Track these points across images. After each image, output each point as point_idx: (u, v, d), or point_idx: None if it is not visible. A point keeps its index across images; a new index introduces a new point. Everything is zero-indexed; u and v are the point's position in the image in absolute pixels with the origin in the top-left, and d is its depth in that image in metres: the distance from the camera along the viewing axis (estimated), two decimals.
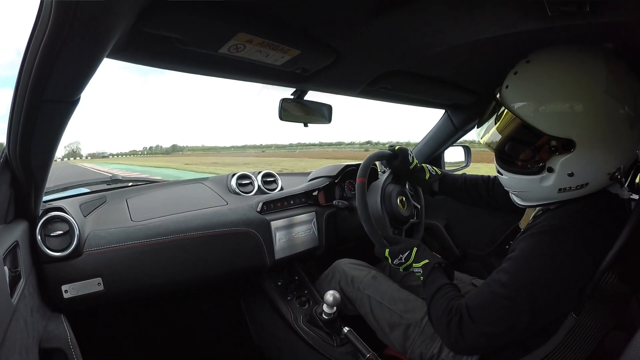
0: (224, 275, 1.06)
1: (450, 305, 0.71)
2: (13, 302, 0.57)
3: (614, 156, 0.61)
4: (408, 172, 1.12)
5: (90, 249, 0.84)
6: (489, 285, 0.68)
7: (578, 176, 0.62)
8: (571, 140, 0.60)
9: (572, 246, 0.62)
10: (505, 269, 0.67)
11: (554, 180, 0.64)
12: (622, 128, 0.59)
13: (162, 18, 0.53)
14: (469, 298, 0.70)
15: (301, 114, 1.08)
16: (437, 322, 0.73)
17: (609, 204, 0.67)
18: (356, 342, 0.93)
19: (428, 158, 1.73)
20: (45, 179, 0.73)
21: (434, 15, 0.67)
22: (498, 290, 0.65)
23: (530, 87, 0.64)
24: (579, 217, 0.64)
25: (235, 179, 1.35)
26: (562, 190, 0.64)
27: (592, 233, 0.63)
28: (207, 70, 0.81)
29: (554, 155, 0.62)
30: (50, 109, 0.54)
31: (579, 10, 0.62)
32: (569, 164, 0.62)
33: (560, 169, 0.62)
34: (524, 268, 0.64)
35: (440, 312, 0.72)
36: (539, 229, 0.66)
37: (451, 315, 0.70)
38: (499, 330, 0.65)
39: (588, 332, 0.62)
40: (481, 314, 0.66)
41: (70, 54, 0.45)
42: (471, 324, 0.66)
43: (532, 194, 0.69)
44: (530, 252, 0.65)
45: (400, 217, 1.13)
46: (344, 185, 1.44)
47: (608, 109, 0.59)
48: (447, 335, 0.69)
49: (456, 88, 1.19)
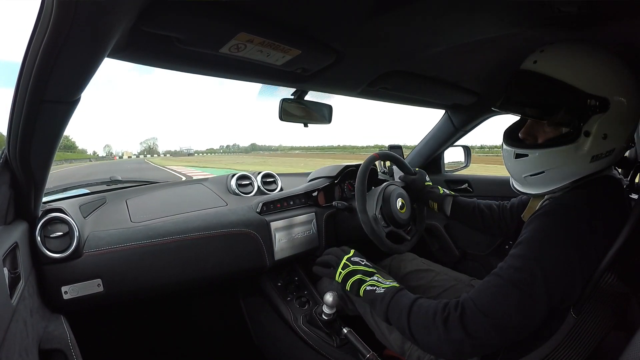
0: (223, 276, 1.06)
1: (444, 303, 0.65)
2: (13, 303, 0.57)
3: (633, 118, 0.64)
4: (422, 187, 1.12)
5: (90, 250, 0.84)
6: (499, 275, 0.63)
7: (610, 138, 0.63)
8: (606, 99, 0.62)
9: (584, 225, 0.60)
10: (517, 254, 0.62)
11: (589, 145, 0.64)
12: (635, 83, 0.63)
13: (162, 18, 0.53)
14: (474, 292, 0.64)
15: (301, 114, 1.08)
16: (427, 327, 0.64)
17: (615, 190, 0.67)
18: (356, 343, 0.93)
19: (428, 158, 1.74)
20: (45, 180, 0.73)
21: (434, 16, 0.67)
22: (513, 276, 0.60)
23: (564, 53, 0.66)
24: (590, 198, 0.64)
25: (235, 180, 1.35)
26: (595, 159, 0.64)
27: (602, 215, 0.62)
28: (208, 70, 0.81)
29: (591, 117, 0.63)
30: (51, 109, 0.54)
31: (580, 11, 0.62)
32: (604, 125, 0.63)
33: (596, 130, 0.63)
34: (539, 247, 0.60)
35: (432, 314, 0.64)
36: (550, 207, 0.64)
37: (448, 310, 0.63)
38: (515, 322, 0.59)
39: (588, 333, 0.62)
40: (494, 305, 0.60)
41: (71, 54, 0.45)
42: (481, 317, 0.60)
43: (563, 169, 0.67)
44: (543, 231, 0.62)
45: (399, 219, 1.12)
46: (344, 185, 1.44)
47: (629, 74, 0.63)
48: (447, 337, 0.61)
49: (456, 88, 1.20)
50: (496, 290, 0.61)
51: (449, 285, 1.05)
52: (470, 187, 1.67)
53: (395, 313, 0.70)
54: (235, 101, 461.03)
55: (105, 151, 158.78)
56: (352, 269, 0.85)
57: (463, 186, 1.69)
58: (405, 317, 0.68)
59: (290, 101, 1.05)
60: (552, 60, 0.66)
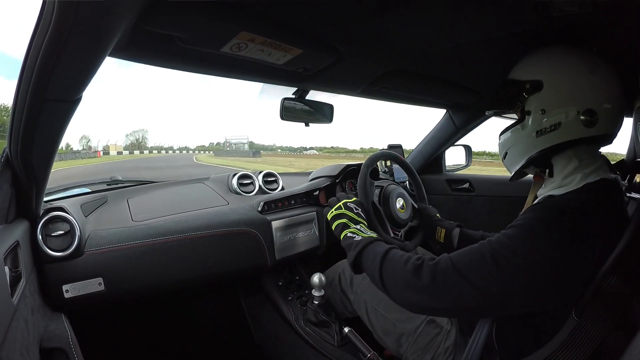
0: (224, 275, 1.06)
1: (421, 256, 0.68)
2: (14, 302, 0.57)
3: (581, 94, 0.67)
4: (433, 215, 1.12)
5: (91, 248, 0.84)
6: (483, 244, 0.64)
7: (550, 113, 0.70)
8: (540, 80, 0.70)
9: (583, 228, 0.60)
10: (507, 234, 0.63)
11: (531, 121, 0.72)
12: (581, 71, 0.68)
13: (164, 17, 0.53)
14: (454, 253, 0.66)
15: (302, 114, 1.08)
16: (396, 271, 0.68)
17: (612, 192, 0.67)
18: (357, 342, 0.93)
19: (429, 158, 1.73)
20: (47, 179, 0.73)
21: (435, 16, 0.67)
22: (496, 249, 0.61)
23: (525, 58, 0.76)
24: (589, 202, 0.64)
25: (236, 179, 1.35)
26: (540, 133, 0.71)
27: (600, 219, 0.62)
28: (209, 69, 0.81)
29: (529, 98, 0.72)
30: (52, 108, 0.54)
31: (581, 11, 0.62)
32: (540, 101, 0.70)
33: (535, 107, 0.71)
34: (531, 236, 0.60)
35: (404, 259, 0.68)
36: (550, 203, 0.65)
37: (422, 260, 0.66)
38: (480, 292, 0.60)
39: (589, 334, 0.61)
40: (469, 267, 0.61)
41: (72, 53, 0.45)
42: (453, 271, 0.62)
43: (517, 147, 0.76)
44: (539, 223, 0.62)
45: (398, 219, 1.12)
46: (345, 185, 1.44)
47: (567, 57, 0.70)
48: (413, 281, 0.64)
49: (457, 88, 1.19)
50: (475, 257, 0.63)
51: None
52: (471, 187, 1.67)
53: (369, 259, 0.75)
54: (226, 97, 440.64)
55: (82, 144, 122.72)
56: (342, 212, 0.88)
57: (464, 185, 1.69)
58: (379, 262, 0.72)
59: (291, 100, 1.05)
60: (515, 66, 0.77)
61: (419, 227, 1.15)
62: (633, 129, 0.84)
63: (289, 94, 1.06)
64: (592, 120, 0.67)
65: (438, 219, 1.11)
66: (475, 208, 1.63)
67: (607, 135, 0.69)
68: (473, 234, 1.04)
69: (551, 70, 0.70)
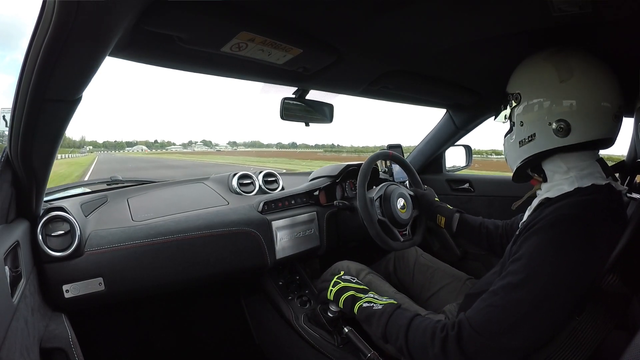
0: (225, 275, 1.06)
1: (442, 324, 0.66)
2: (14, 302, 0.57)
3: (550, 104, 0.69)
4: (432, 201, 1.14)
5: (91, 248, 0.84)
6: (496, 293, 0.63)
7: (526, 125, 0.73)
8: (519, 93, 0.74)
9: (585, 236, 0.60)
10: (514, 271, 0.62)
11: (515, 133, 0.76)
12: (552, 81, 0.69)
13: (164, 17, 0.53)
14: (471, 311, 0.65)
15: (302, 113, 1.08)
16: (424, 348, 0.65)
17: (613, 198, 0.67)
18: (357, 342, 0.93)
19: (429, 157, 1.73)
20: (47, 179, 0.73)
21: (435, 16, 0.67)
22: (512, 295, 0.60)
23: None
24: (589, 207, 0.63)
25: (237, 179, 1.35)
26: (521, 143, 0.75)
27: (602, 224, 0.62)
28: (209, 69, 0.81)
29: (513, 110, 0.76)
30: (52, 108, 0.54)
31: (581, 11, 0.62)
32: (520, 114, 0.74)
33: (516, 119, 0.75)
34: (539, 264, 0.60)
35: (430, 334, 0.65)
36: (548, 222, 0.64)
37: (446, 331, 0.64)
38: (516, 343, 0.60)
39: (589, 333, 0.61)
40: (489, 325, 0.61)
41: (72, 53, 0.45)
42: (476, 336, 0.61)
43: (509, 155, 0.80)
44: (543, 248, 0.61)
45: (401, 220, 1.12)
46: (345, 185, 1.44)
47: (541, 68, 0.71)
48: (443, 356, 0.62)
49: (457, 88, 1.20)
50: (492, 310, 0.62)
51: (446, 283, 1.07)
52: (471, 187, 1.67)
53: (394, 331, 0.72)
54: (218, 94, 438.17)
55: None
56: (344, 286, 0.88)
57: (464, 185, 1.69)
58: (404, 335, 0.69)
59: (291, 100, 1.05)
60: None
61: (420, 216, 1.20)
62: (634, 129, 0.84)
63: (289, 94, 1.06)
64: (565, 129, 0.67)
65: (438, 204, 1.14)
66: (475, 208, 1.63)
67: (595, 141, 0.68)
68: (472, 220, 1.08)
69: (526, 82, 0.73)
